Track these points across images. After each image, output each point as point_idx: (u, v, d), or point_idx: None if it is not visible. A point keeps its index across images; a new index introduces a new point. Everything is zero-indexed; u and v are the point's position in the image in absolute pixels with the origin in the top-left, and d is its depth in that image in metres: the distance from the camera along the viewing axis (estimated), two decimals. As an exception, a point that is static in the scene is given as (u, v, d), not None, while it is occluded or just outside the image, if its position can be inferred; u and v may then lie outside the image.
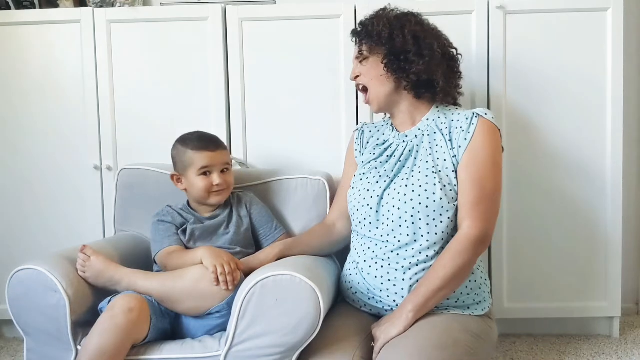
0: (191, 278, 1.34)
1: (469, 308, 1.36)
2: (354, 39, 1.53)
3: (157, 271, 1.51)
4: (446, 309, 1.34)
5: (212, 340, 1.33)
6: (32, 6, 2.08)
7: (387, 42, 1.42)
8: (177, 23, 1.93)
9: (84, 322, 1.36)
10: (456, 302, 1.35)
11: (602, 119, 1.87)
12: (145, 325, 1.31)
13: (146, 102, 1.95)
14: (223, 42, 1.92)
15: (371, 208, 1.42)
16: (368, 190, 1.44)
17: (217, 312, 1.33)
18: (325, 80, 1.90)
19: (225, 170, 1.55)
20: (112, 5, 2.00)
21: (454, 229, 1.36)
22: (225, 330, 1.31)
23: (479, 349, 1.26)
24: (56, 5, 2.09)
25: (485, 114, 1.40)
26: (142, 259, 1.59)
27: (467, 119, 1.40)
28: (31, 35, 1.96)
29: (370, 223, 1.42)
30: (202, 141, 1.54)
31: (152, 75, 1.95)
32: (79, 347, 1.33)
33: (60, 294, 1.32)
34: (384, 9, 1.50)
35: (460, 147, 1.37)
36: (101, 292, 1.40)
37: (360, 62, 1.49)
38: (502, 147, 1.43)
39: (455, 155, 1.37)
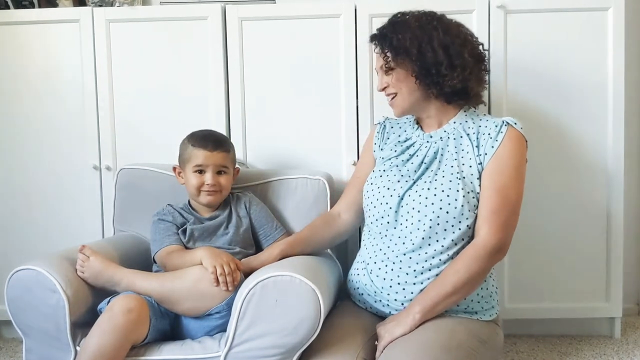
0: (191, 279, 1.33)
1: (477, 313, 1.35)
2: (375, 48, 1.45)
3: (157, 271, 1.50)
4: (455, 312, 1.33)
5: (212, 341, 1.32)
6: (31, 5, 2.08)
7: (418, 59, 1.36)
8: (176, 22, 1.92)
9: (83, 323, 1.35)
10: (465, 308, 1.33)
11: (603, 119, 1.87)
12: (144, 326, 1.30)
13: (145, 102, 1.95)
14: (223, 41, 1.91)
15: (390, 207, 1.39)
16: (388, 188, 1.41)
17: (217, 312, 1.33)
18: (325, 80, 1.90)
19: (222, 172, 1.55)
20: (112, 5, 2.00)
21: (470, 237, 1.34)
22: (225, 331, 1.30)
23: (483, 353, 1.26)
24: (55, 5, 2.09)
25: (515, 124, 1.37)
26: (141, 259, 1.58)
27: (496, 126, 1.37)
28: (30, 35, 1.96)
29: (387, 222, 1.39)
30: (204, 140, 1.55)
31: (151, 75, 1.94)
32: (78, 348, 1.33)
33: (59, 294, 1.31)
34: (403, 14, 1.43)
35: (486, 154, 1.35)
36: (100, 293, 1.40)
37: (386, 72, 1.43)
38: (526, 159, 1.41)
39: (480, 163, 1.35)
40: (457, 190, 1.33)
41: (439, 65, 1.36)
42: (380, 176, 1.46)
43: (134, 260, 1.56)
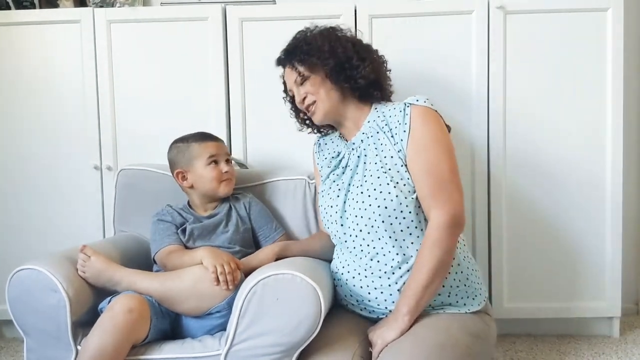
0: (191, 278, 1.34)
1: (465, 305, 1.34)
2: (288, 65, 1.48)
3: (157, 271, 1.51)
4: (442, 308, 1.33)
5: (212, 340, 1.32)
6: (32, 6, 2.08)
7: (330, 55, 1.41)
8: (177, 23, 1.93)
9: (84, 322, 1.36)
10: (449, 296, 1.33)
11: (602, 119, 1.87)
12: (145, 325, 1.30)
13: (146, 102, 1.96)
14: (223, 42, 1.92)
15: (336, 222, 1.41)
16: (331, 206, 1.44)
17: (217, 312, 1.33)
18: (325, 80, 1.90)
19: (228, 161, 1.60)
20: (112, 5, 2.01)
21: (419, 221, 1.34)
22: (225, 330, 1.31)
23: (478, 349, 1.26)
24: (56, 5, 2.09)
25: (417, 100, 1.37)
26: (142, 259, 1.59)
27: (400, 111, 1.38)
28: (31, 36, 1.96)
29: (340, 237, 1.42)
30: (203, 134, 1.61)
31: (152, 76, 1.95)
32: (79, 347, 1.33)
33: (60, 294, 1.32)
34: (305, 31, 1.49)
35: (402, 140, 1.35)
36: (101, 292, 1.40)
37: (301, 84, 1.45)
38: (448, 127, 1.40)
39: (400, 150, 1.35)
40: (387, 184, 1.33)
41: (349, 59, 1.42)
42: (323, 197, 1.49)
43: (134, 260, 1.56)
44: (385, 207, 1.32)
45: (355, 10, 1.87)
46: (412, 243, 1.33)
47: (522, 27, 1.86)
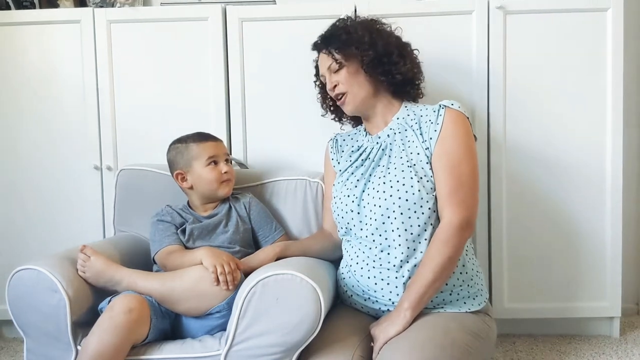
0: (191, 278, 1.34)
1: (465, 304, 1.36)
2: (324, 51, 1.49)
3: (157, 271, 1.51)
4: (442, 307, 1.34)
5: (212, 340, 1.32)
6: (32, 6, 2.08)
7: (370, 47, 1.43)
8: (177, 23, 1.93)
9: (84, 322, 1.36)
10: (450, 294, 1.34)
11: (602, 119, 1.87)
12: (145, 325, 1.31)
13: (146, 102, 1.95)
14: (223, 42, 1.92)
15: (352, 210, 1.43)
16: (348, 196, 1.45)
17: (217, 312, 1.33)
18: (325, 81, 1.90)
19: (227, 161, 1.60)
20: (112, 6, 2.01)
21: (436, 219, 1.36)
22: (225, 330, 1.31)
23: (478, 349, 1.26)
24: (56, 6, 2.09)
25: (452, 104, 1.41)
26: (142, 259, 1.59)
27: (434, 111, 1.41)
28: (31, 36, 1.96)
29: (354, 226, 1.43)
30: (202, 135, 1.60)
31: (152, 76, 1.95)
32: (78, 347, 1.33)
33: (60, 294, 1.32)
34: (345, 19, 1.51)
35: (431, 138, 1.38)
36: (101, 292, 1.40)
37: (335, 71, 1.47)
38: (475, 136, 1.43)
39: (427, 148, 1.39)
40: (411, 177, 1.36)
41: (390, 54, 1.44)
42: (338, 188, 1.50)
43: (134, 260, 1.57)
44: (406, 200, 1.35)
45: (355, 10, 1.86)
46: (425, 239, 1.35)
47: (522, 27, 1.86)
